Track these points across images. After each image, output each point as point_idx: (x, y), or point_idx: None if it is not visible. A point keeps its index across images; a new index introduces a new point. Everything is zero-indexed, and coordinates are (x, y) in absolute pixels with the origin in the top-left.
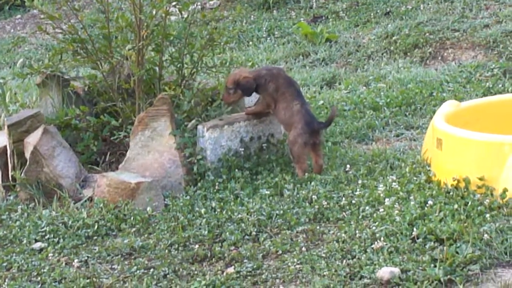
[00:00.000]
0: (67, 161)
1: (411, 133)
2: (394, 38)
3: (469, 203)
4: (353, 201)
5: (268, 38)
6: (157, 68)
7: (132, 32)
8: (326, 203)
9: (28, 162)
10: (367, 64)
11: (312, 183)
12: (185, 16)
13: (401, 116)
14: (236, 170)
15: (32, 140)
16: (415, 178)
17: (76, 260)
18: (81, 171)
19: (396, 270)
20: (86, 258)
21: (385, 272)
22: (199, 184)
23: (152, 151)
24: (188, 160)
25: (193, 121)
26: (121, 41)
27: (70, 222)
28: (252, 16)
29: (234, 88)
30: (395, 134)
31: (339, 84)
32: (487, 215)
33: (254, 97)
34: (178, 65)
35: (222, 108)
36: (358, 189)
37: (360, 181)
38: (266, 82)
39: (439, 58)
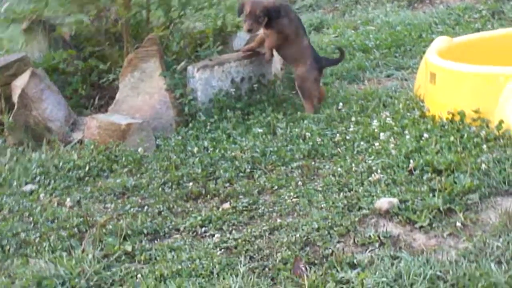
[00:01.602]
0: (55, 104)
1: (402, 73)
2: None
3: (465, 135)
4: (348, 137)
5: None
6: (144, 12)
7: None
8: (320, 139)
9: (16, 106)
10: (355, 9)
11: (305, 121)
12: None
13: (391, 57)
14: (228, 110)
15: (19, 83)
16: (409, 113)
17: (68, 200)
18: (70, 115)
19: (395, 200)
20: (78, 198)
21: (383, 202)
22: (190, 125)
23: (142, 93)
24: (178, 101)
25: (183, 62)
26: None
27: (60, 164)
28: None
29: (264, 15)
30: (385, 75)
31: (327, 29)
32: (484, 146)
33: (243, 39)
34: (166, 7)
35: (212, 49)
36: (351, 126)
37: (353, 118)
38: (282, 15)
39: (427, 1)
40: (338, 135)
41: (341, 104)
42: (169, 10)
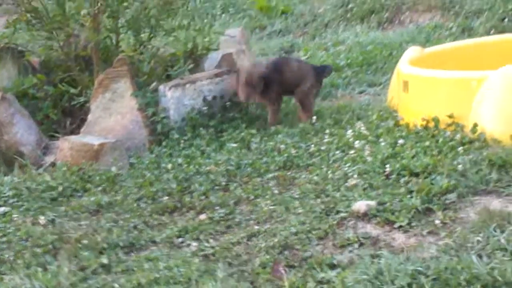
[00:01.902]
0: (26, 128)
1: (374, 89)
2: (350, 6)
3: (440, 139)
4: (322, 148)
5: (223, 15)
6: (113, 35)
7: None
8: (295, 151)
9: None
10: (325, 32)
11: (279, 135)
12: None
13: (363, 74)
14: (201, 128)
15: None
16: (383, 123)
17: (42, 218)
18: (42, 139)
19: (372, 202)
20: (52, 217)
21: (361, 205)
22: (163, 143)
23: (114, 114)
24: (151, 119)
25: (155, 83)
26: (76, 8)
27: (33, 186)
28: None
29: (260, 82)
30: (358, 91)
31: (298, 51)
32: (460, 149)
33: (215, 60)
34: (135, 30)
35: (182, 68)
36: (326, 137)
37: (327, 131)
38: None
39: (396, 22)
40: (313, 146)
41: (314, 117)
42: (138, 33)
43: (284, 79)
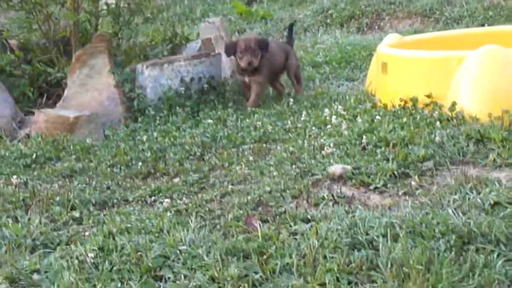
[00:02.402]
0: (2, 101)
1: (353, 84)
2: (330, 12)
3: (418, 117)
4: (299, 125)
5: (203, 19)
6: (93, 19)
7: None
8: (271, 128)
9: None
10: (304, 36)
11: (255, 115)
12: None
13: (341, 70)
14: (177, 107)
15: None
16: (360, 105)
17: (14, 178)
18: (17, 113)
19: (348, 167)
20: (25, 180)
21: (337, 168)
22: (139, 119)
23: (90, 89)
24: (127, 95)
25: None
26: None
27: (6, 154)
28: (186, 1)
29: (258, 48)
30: (336, 85)
31: None
32: (437, 124)
33: (194, 50)
34: (115, 14)
35: (161, 49)
36: (303, 117)
37: (304, 112)
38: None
39: (376, 27)
40: (289, 123)
41: (291, 100)
42: (118, 16)
43: (273, 59)
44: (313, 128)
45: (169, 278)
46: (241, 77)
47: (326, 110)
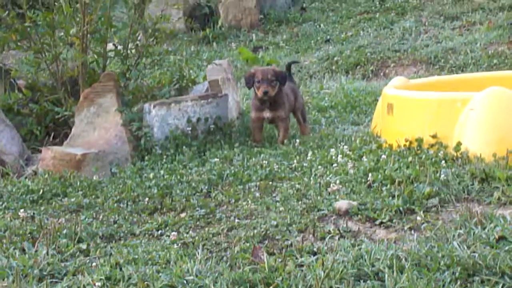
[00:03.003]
0: (10, 139)
1: (358, 128)
2: (335, 59)
3: (423, 156)
4: (305, 164)
5: (209, 66)
6: (101, 59)
7: (75, 20)
8: (277, 167)
9: None
10: (310, 82)
11: (262, 155)
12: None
13: (347, 114)
14: (184, 147)
15: None
16: (366, 146)
17: (21, 211)
18: (25, 150)
19: (354, 202)
20: (32, 214)
21: (343, 203)
22: (146, 158)
23: (98, 128)
24: (135, 134)
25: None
26: (66, 27)
27: (13, 190)
28: (192, 47)
29: (275, 79)
30: (341, 128)
31: None
32: (442, 163)
33: (200, 92)
34: (123, 54)
35: (168, 87)
36: (309, 156)
37: (310, 152)
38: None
39: (381, 74)
40: (295, 162)
41: (297, 141)
42: (126, 58)
43: (289, 97)
44: (319, 167)
45: None
46: (258, 114)
47: (332, 150)
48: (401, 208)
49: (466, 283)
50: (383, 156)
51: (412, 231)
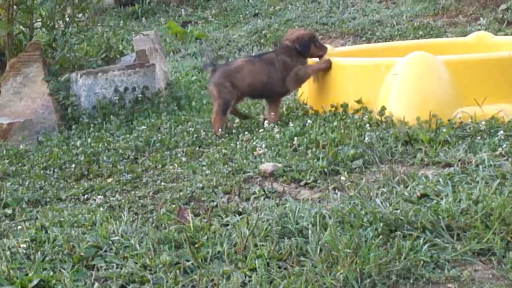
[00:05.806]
0: None
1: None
2: (264, 32)
3: (348, 121)
4: (233, 131)
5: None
6: (27, 30)
7: None
8: (204, 133)
9: None
10: (239, 55)
11: (189, 123)
12: None
13: None
14: (111, 116)
15: None
16: (292, 113)
17: None
18: None
19: (279, 164)
20: None
21: (268, 165)
22: (73, 127)
23: (24, 97)
24: (62, 103)
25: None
26: None
27: None
28: (121, 22)
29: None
30: None
31: None
32: (367, 127)
33: (128, 63)
34: (50, 25)
35: (95, 58)
36: (236, 123)
37: (237, 119)
38: None
39: None
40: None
41: None
42: (52, 28)
43: None
44: (246, 132)
45: (101, 267)
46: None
47: (260, 116)
48: (325, 169)
49: (388, 238)
50: (309, 122)
51: (336, 191)
